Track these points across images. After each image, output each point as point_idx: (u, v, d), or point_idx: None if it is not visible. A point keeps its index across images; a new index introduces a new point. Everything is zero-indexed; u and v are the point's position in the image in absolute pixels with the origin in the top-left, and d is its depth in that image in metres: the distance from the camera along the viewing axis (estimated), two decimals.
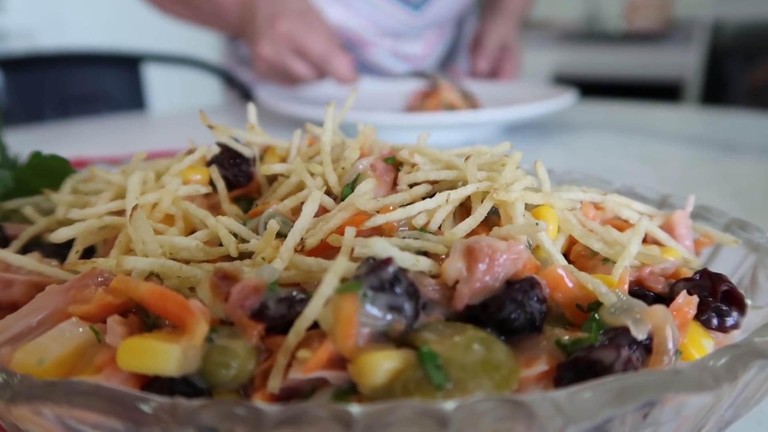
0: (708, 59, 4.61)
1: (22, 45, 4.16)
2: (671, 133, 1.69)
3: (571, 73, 4.75)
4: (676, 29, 4.82)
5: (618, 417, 0.31)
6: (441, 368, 0.34)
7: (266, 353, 0.38)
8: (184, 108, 2.11)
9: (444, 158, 0.55)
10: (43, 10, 4.50)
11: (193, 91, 3.43)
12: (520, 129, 1.60)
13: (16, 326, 0.43)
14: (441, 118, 1.40)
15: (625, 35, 4.98)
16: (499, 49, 2.08)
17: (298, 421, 0.28)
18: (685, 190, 1.14)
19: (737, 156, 1.39)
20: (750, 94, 4.49)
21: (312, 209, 0.46)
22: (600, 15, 5.19)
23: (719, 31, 4.61)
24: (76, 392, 0.31)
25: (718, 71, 4.59)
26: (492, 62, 2.08)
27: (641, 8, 4.95)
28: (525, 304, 0.40)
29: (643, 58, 4.81)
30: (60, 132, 1.75)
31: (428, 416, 0.28)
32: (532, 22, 4.80)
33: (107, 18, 4.67)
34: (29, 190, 0.67)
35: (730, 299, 0.46)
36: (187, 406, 0.29)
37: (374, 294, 0.36)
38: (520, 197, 0.48)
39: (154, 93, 2.60)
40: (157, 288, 0.40)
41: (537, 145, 1.47)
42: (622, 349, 0.36)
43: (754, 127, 1.74)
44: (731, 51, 4.62)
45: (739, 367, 0.33)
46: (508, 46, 2.11)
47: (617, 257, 0.48)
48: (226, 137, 0.61)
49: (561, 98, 1.56)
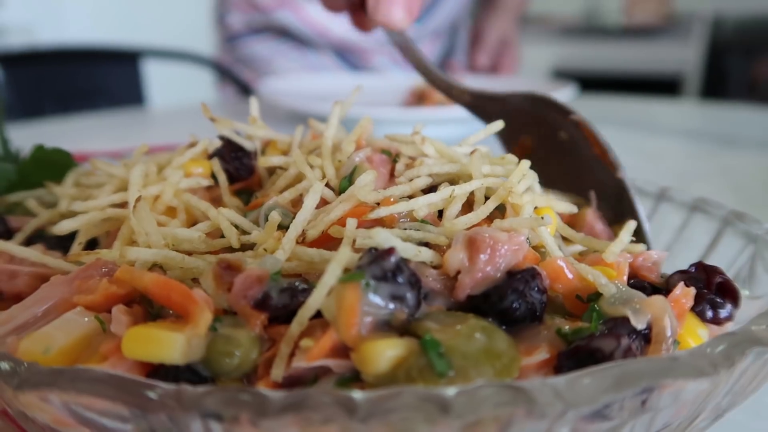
0: (707, 54, 4.61)
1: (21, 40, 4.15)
2: (670, 128, 1.69)
3: (570, 68, 4.75)
4: (676, 23, 4.82)
5: (617, 402, 0.31)
6: (443, 356, 0.34)
7: (269, 342, 0.39)
8: (184, 103, 2.11)
9: (448, 152, 0.55)
10: (43, 5, 4.49)
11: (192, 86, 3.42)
12: None
13: (22, 316, 0.43)
14: (440, 113, 1.40)
15: (625, 30, 4.98)
16: (498, 44, 2.09)
17: (301, 406, 0.28)
18: (684, 183, 1.15)
19: (736, 150, 1.39)
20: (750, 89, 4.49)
21: (314, 201, 0.47)
22: (599, 9, 5.19)
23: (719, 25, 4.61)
24: (83, 379, 0.31)
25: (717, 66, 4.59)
26: (491, 57, 2.08)
27: (640, 2, 4.95)
28: (526, 294, 0.40)
29: (643, 52, 4.81)
30: (59, 127, 1.75)
31: (430, 401, 0.28)
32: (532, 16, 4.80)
33: (106, 13, 4.67)
34: (32, 183, 0.67)
35: (724, 291, 0.46)
36: (192, 392, 0.30)
37: (377, 283, 0.36)
38: (530, 201, 0.49)
39: (154, 88, 2.59)
40: (161, 278, 0.40)
41: None
42: (622, 338, 0.37)
43: (753, 121, 1.75)
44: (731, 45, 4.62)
45: (737, 354, 0.34)
46: (508, 41, 2.11)
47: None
48: (227, 130, 0.62)
49: (560, 93, 1.56)
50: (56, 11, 4.53)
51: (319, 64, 2.06)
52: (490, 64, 2.10)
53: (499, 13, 2.09)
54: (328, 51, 2.05)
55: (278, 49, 2.06)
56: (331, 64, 2.07)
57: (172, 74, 2.96)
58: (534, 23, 4.91)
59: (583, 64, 4.86)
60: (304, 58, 2.06)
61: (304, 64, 2.06)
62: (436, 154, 0.55)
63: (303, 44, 2.03)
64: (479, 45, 2.07)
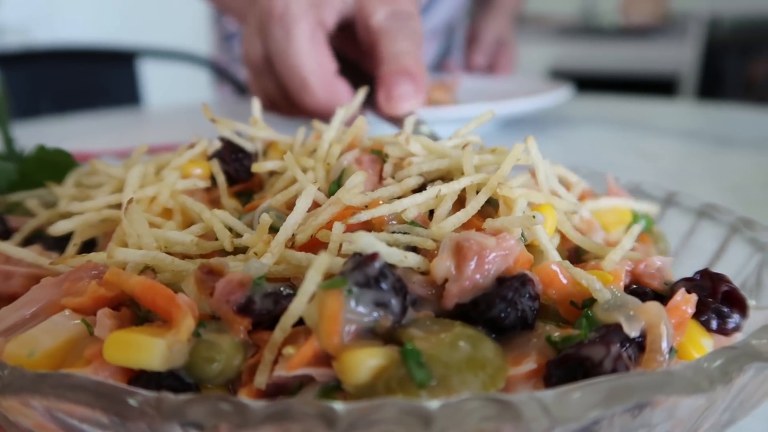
0: (704, 54, 4.61)
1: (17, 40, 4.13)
2: (667, 128, 1.69)
3: (567, 68, 4.76)
4: (672, 24, 4.82)
5: (606, 418, 0.30)
6: (424, 366, 0.33)
7: (254, 348, 0.38)
8: (180, 103, 2.10)
9: (437, 148, 0.54)
10: (38, 5, 4.48)
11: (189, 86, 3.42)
12: (516, 124, 1.59)
13: (11, 318, 0.43)
14: (437, 112, 1.39)
15: (621, 30, 4.98)
16: (494, 44, 2.09)
17: (283, 417, 0.28)
18: (682, 184, 1.14)
19: (733, 150, 1.39)
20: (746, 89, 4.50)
21: (305, 204, 0.46)
22: (596, 9, 5.19)
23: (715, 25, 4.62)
24: (64, 385, 0.31)
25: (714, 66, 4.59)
26: (488, 57, 2.08)
27: (637, 2, 4.95)
28: (516, 302, 0.39)
29: (639, 52, 4.81)
30: (55, 127, 1.74)
31: (412, 415, 0.27)
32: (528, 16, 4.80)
33: (102, 13, 4.66)
34: (33, 182, 0.67)
35: (731, 300, 0.44)
36: (172, 400, 0.29)
37: (360, 290, 0.35)
38: (524, 195, 0.47)
39: (150, 88, 2.59)
40: (147, 281, 0.39)
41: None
42: (611, 346, 0.35)
43: (750, 121, 1.74)
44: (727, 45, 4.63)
45: (734, 369, 0.32)
46: (504, 41, 2.11)
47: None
48: (228, 131, 0.61)
49: (557, 93, 1.55)
50: (52, 11, 4.52)
51: None
52: (486, 64, 2.10)
53: (496, 12, 2.09)
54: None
55: None
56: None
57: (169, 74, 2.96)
58: (531, 23, 4.91)
59: (580, 64, 4.87)
60: None
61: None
62: (423, 151, 0.54)
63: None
64: (476, 45, 2.07)
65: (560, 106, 1.66)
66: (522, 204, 0.47)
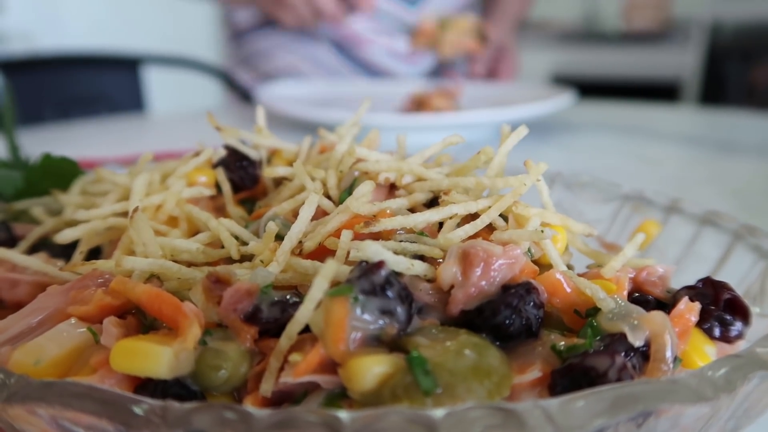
0: (706, 59, 4.61)
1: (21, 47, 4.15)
2: (669, 133, 1.69)
3: (569, 74, 4.75)
4: (675, 29, 4.82)
5: (611, 427, 0.30)
6: (429, 373, 0.33)
7: (260, 356, 0.38)
8: (184, 110, 2.11)
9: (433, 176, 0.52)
10: (43, 11, 4.50)
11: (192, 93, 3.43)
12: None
13: (17, 326, 0.43)
14: (440, 119, 1.40)
15: (624, 35, 4.98)
16: (495, 50, 2.09)
17: (287, 425, 0.28)
18: (684, 190, 1.14)
19: (736, 156, 1.39)
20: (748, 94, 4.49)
21: (309, 212, 0.46)
22: (598, 15, 5.19)
23: (717, 31, 4.61)
24: (69, 393, 0.31)
25: (716, 71, 4.59)
26: (489, 64, 2.09)
27: (639, 8, 4.95)
28: (520, 310, 0.39)
29: (642, 58, 4.81)
30: (60, 134, 1.74)
31: (417, 423, 0.28)
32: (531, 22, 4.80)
33: (106, 20, 4.67)
34: (39, 190, 0.67)
35: (733, 308, 0.44)
36: (177, 409, 0.29)
37: (365, 298, 0.35)
38: (538, 214, 0.47)
39: (154, 95, 2.60)
40: (153, 289, 0.40)
41: (535, 145, 1.46)
42: (616, 356, 0.36)
43: (752, 127, 1.74)
44: (729, 51, 4.62)
45: (739, 377, 0.32)
46: (505, 48, 2.11)
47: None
48: (233, 139, 0.61)
49: (559, 99, 1.56)
50: (56, 18, 4.54)
51: (317, 54, 2.08)
52: (487, 70, 2.10)
53: (497, 20, 2.09)
54: (326, 42, 2.07)
55: (279, 42, 2.08)
56: (328, 54, 2.08)
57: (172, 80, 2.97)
58: (533, 29, 4.91)
59: (582, 70, 4.86)
60: (303, 49, 2.08)
61: (303, 55, 2.08)
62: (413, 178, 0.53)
63: (302, 35, 2.06)
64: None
65: (563, 112, 1.66)
66: (535, 222, 0.47)
